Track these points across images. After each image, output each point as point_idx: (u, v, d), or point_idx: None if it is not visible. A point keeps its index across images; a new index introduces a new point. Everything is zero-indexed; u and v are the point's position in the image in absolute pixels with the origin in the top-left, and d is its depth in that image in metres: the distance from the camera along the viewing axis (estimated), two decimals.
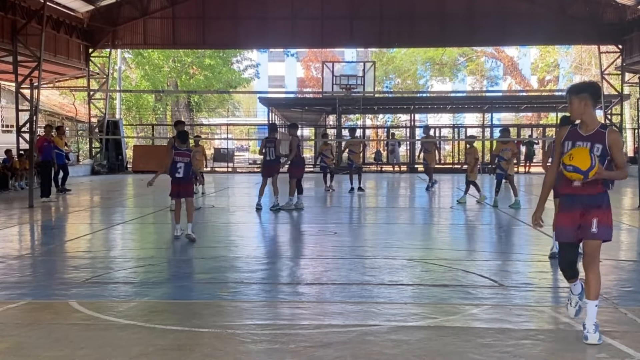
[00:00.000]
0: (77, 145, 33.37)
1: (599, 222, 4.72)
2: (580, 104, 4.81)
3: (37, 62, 20.12)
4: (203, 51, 41.53)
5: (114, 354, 4.52)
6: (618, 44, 28.78)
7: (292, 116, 38.20)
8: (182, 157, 9.74)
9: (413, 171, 31.58)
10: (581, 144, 4.72)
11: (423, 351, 4.58)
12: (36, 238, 11.07)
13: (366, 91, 30.11)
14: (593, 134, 4.76)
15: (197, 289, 6.70)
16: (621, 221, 12.12)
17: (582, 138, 4.77)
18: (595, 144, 4.71)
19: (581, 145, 4.70)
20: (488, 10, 28.50)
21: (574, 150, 4.65)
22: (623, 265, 8.01)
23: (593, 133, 4.76)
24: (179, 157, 9.74)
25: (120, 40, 30.16)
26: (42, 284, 6.86)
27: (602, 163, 4.67)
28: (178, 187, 9.76)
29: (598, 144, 4.71)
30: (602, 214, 4.75)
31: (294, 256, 8.84)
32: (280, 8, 28.79)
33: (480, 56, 53.86)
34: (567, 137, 4.84)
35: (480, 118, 38.40)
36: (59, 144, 19.72)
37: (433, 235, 11.20)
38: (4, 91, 31.89)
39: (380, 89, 49.90)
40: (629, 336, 4.89)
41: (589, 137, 4.76)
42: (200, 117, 50.31)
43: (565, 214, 4.83)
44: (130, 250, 9.49)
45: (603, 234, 4.75)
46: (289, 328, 5.19)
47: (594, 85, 4.97)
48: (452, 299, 6.19)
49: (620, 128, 31.14)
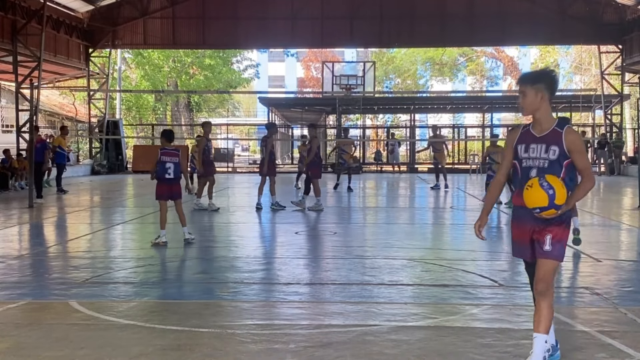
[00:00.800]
0: (77, 145, 33.37)
1: (554, 239, 4.02)
2: (536, 96, 4.05)
3: (37, 62, 20.13)
4: (203, 51, 41.52)
5: (114, 354, 4.52)
6: (618, 44, 28.78)
7: (292, 116, 38.25)
8: (171, 157, 9.37)
9: (413, 171, 31.59)
10: (535, 147, 4.05)
11: (423, 351, 4.58)
12: (36, 238, 11.06)
13: (366, 91, 30.10)
14: (548, 134, 4.05)
15: (197, 289, 6.70)
16: (621, 221, 12.13)
17: (535, 140, 4.08)
18: (550, 146, 4.02)
19: (535, 148, 4.04)
20: (488, 10, 28.50)
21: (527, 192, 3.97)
22: (623, 265, 8.01)
23: (548, 133, 4.05)
24: (167, 157, 9.36)
25: (120, 40, 30.16)
26: (42, 284, 6.86)
27: (559, 168, 3.99)
28: (169, 188, 9.39)
29: (554, 145, 4.01)
30: (558, 230, 4.03)
31: (293, 256, 8.84)
32: (280, 8, 28.79)
33: (480, 56, 53.84)
34: (519, 140, 4.14)
35: (480, 118, 38.42)
36: (62, 144, 19.75)
37: (433, 235, 11.21)
38: (4, 91, 31.88)
39: (380, 89, 49.87)
40: (629, 336, 4.89)
41: (543, 138, 4.05)
42: (200, 117, 50.28)
43: (517, 226, 4.20)
44: (130, 250, 9.49)
45: (558, 254, 4.04)
46: (289, 328, 5.19)
47: (550, 73, 4.15)
48: (452, 299, 6.19)
49: (620, 128, 31.16)
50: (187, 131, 42.52)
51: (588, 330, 5.06)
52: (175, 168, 9.35)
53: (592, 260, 8.02)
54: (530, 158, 4.08)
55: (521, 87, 4.07)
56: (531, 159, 4.07)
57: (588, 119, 38.37)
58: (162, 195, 9.42)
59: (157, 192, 9.47)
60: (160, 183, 9.41)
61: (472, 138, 38.29)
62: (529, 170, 4.06)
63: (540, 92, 4.03)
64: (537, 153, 4.06)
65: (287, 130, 40.43)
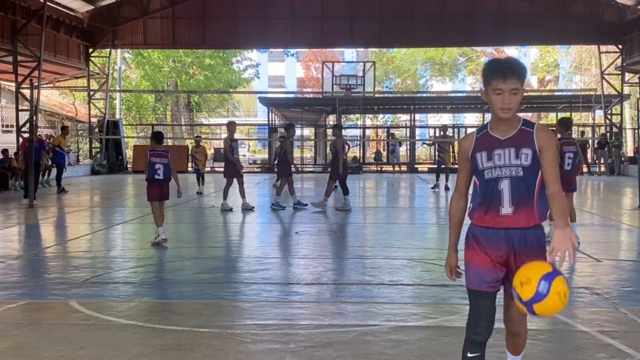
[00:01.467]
0: (77, 145, 33.36)
1: None
2: (521, 93, 3.23)
3: (37, 62, 20.12)
4: (203, 51, 41.52)
5: (114, 354, 4.52)
6: (618, 44, 28.78)
7: (292, 116, 38.20)
8: (160, 158, 9.39)
9: (413, 171, 31.59)
10: (501, 152, 3.24)
11: (423, 351, 4.57)
12: (36, 238, 11.06)
13: (366, 91, 30.11)
14: (515, 135, 3.26)
15: (197, 289, 6.70)
16: (621, 221, 12.13)
17: (500, 144, 3.26)
18: (521, 149, 3.22)
19: (502, 154, 3.24)
20: (488, 10, 28.50)
21: (543, 303, 2.97)
22: (623, 265, 8.01)
23: (515, 134, 3.26)
24: (156, 157, 9.37)
25: (120, 40, 30.17)
26: (42, 284, 6.86)
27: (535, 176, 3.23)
28: (160, 189, 9.41)
29: (525, 148, 3.22)
30: (543, 257, 3.22)
31: (293, 256, 8.84)
32: (280, 8, 28.79)
33: (480, 56, 53.80)
34: (476, 147, 3.31)
35: (480, 118, 38.39)
36: (62, 144, 19.75)
37: (433, 235, 11.20)
38: (4, 91, 31.88)
39: (380, 89, 49.87)
40: (629, 336, 4.89)
41: (511, 141, 3.25)
42: (200, 117, 50.32)
43: (482, 250, 3.28)
44: (130, 250, 9.49)
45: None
46: (289, 328, 5.19)
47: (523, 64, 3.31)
48: (452, 299, 6.19)
49: (620, 128, 31.15)
50: (187, 131, 42.53)
51: (588, 330, 5.05)
52: (164, 169, 9.37)
53: (592, 260, 8.01)
54: (497, 167, 3.25)
55: (515, 83, 3.19)
56: (498, 168, 3.25)
57: (588, 119, 38.38)
58: (154, 196, 9.45)
59: (148, 193, 9.51)
60: (150, 184, 9.43)
61: None
62: (498, 182, 3.24)
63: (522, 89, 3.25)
64: (504, 160, 3.25)
65: None
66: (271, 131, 32.70)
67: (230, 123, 14.57)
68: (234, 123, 14.64)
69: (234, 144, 14.03)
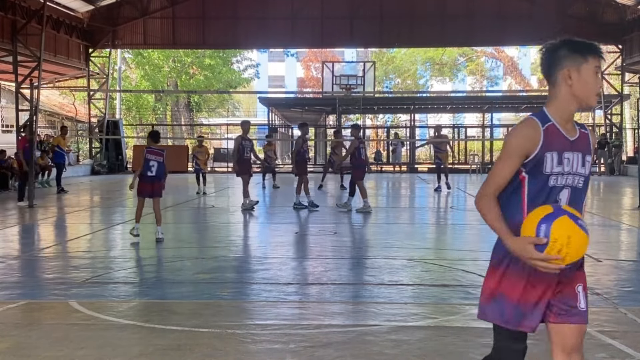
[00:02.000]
0: (77, 145, 33.36)
1: (584, 290, 2.73)
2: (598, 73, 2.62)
3: (37, 62, 20.09)
4: (203, 51, 41.53)
5: (114, 354, 4.52)
6: (618, 44, 28.77)
7: (292, 116, 38.24)
8: (156, 156, 9.66)
9: (413, 171, 31.60)
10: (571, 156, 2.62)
11: (423, 351, 4.57)
12: (36, 238, 11.06)
13: (366, 91, 30.12)
14: (580, 138, 2.69)
15: (197, 289, 6.70)
16: (621, 221, 12.13)
17: (570, 146, 2.64)
18: (586, 156, 2.68)
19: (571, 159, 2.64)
20: (488, 10, 28.50)
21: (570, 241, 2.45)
22: (623, 265, 8.01)
23: (579, 136, 2.69)
24: (152, 155, 9.63)
25: (120, 40, 30.16)
26: (42, 284, 6.86)
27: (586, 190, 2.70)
28: (151, 186, 9.63)
29: (588, 155, 2.69)
30: (584, 275, 2.75)
31: (294, 256, 8.84)
32: (280, 8, 28.79)
33: (480, 56, 53.86)
34: (546, 144, 2.59)
35: (480, 118, 38.42)
36: (61, 144, 19.74)
37: (433, 235, 11.20)
38: (4, 91, 31.87)
39: (380, 89, 49.89)
40: (629, 336, 4.89)
41: (577, 144, 2.67)
42: (200, 117, 50.32)
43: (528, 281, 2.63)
44: (130, 250, 9.48)
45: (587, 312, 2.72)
46: (289, 328, 5.19)
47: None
48: (452, 299, 6.19)
49: (620, 128, 31.16)
50: (187, 131, 42.52)
51: (588, 330, 5.02)
52: (158, 167, 9.61)
53: (592, 260, 8.00)
54: (564, 174, 2.63)
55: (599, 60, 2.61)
56: (564, 176, 2.63)
57: (588, 118, 38.34)
58: (143, 193, 9.71)
59: (138, 189, 9.75)
60: (142, 180, 9.65)
61: (472, 138, 38.30)
62: (558, 192, 2.63)
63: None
64: (572, 166, 2.64)
65: (287, 130, 40.45)
66: (271, 131, 32.71)
67: (244, 122, 14.53)
68: (248, 122, 14.60)
69: (246, 142, 13.95)
